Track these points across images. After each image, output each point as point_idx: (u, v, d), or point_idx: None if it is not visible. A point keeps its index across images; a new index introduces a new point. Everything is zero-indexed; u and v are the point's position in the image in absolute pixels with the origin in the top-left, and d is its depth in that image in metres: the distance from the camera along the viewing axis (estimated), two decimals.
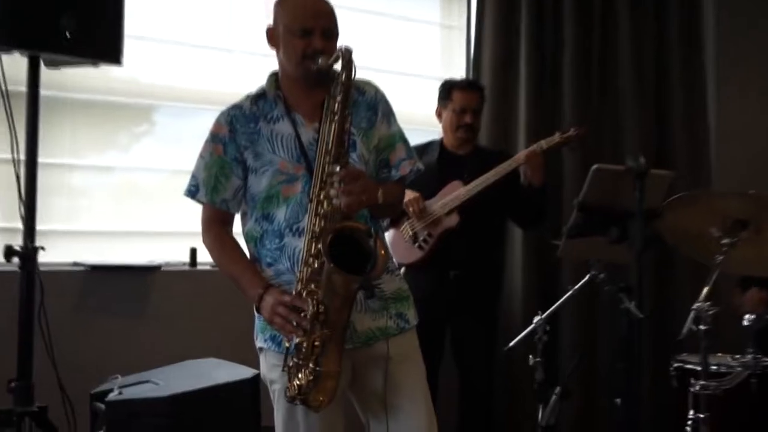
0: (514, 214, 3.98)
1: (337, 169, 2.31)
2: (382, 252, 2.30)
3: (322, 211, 2.35)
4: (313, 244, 2.33)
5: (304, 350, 2.30)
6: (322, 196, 2.35)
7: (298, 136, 2.48)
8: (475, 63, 4.73)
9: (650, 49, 4.91)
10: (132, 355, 3.65)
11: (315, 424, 2.45)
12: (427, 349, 2.66)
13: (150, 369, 3.25)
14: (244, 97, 2.57)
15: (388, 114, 2.64)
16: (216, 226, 2.57)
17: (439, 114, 3.97)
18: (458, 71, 4.76)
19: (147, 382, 3.12)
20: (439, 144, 3.97)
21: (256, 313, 2.51)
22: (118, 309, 3.82)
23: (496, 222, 3.93)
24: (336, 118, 2.36)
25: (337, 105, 2.37)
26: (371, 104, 2.60)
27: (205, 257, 3.94)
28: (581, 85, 4.78)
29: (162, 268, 3.95)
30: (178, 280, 3.98)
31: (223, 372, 3.20)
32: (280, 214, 2.47)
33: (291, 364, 2.33)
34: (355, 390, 2.57)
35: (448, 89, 3.93)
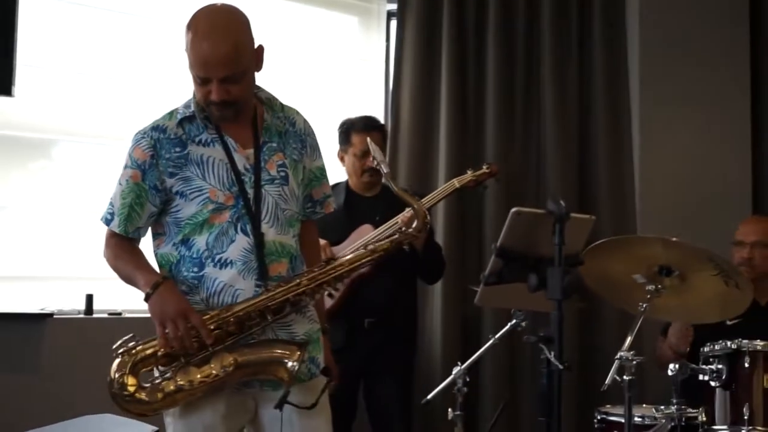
0: (415, 269, 3.98)
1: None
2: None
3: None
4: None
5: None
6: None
7: (231, 162, 2.50)
8: (393, 98, 4.77)
9: (574, 89, 5.02)
10: (19, 414, 3.55)
11: None
12: (340, 405, 2.66)
13: (38, 428, 3.17)
14: (166, 116, 2.56)
15: (315, 147, 2.71)
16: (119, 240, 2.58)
17: (341, 158, 3.96)
18: (377, 107, 4.81)
19: None
20: (345, 186, 3.96)
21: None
22: (4, 362, 3.72)
23: (409, 266, 3.91)
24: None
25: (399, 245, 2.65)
26: (300, 135, 2.66)
27: (101, 304, 3.94)
28: (503, 124, 4.85)
29: (54, 316, 3.86)
30: (72, 330, 3.90)
31: (121, 430, 3.11)
32: (201, 241, 2.48)
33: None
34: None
35: (346, 132, 3.91)
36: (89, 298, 3.95)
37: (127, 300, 3.90)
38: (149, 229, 2.60)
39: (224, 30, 2.45)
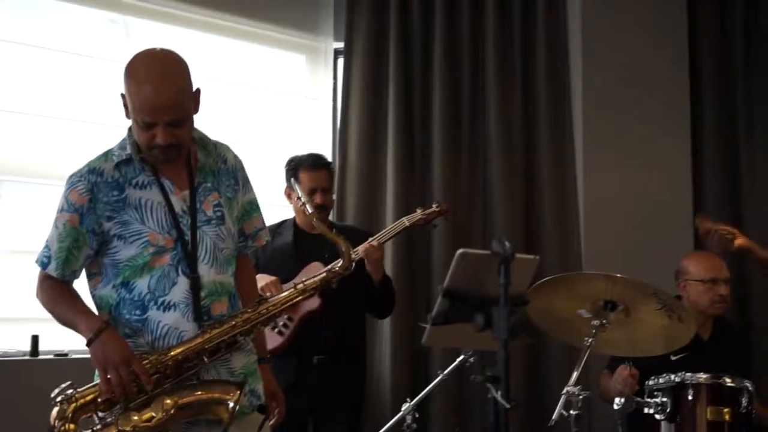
0: (365, 303, 3.98)
1: None
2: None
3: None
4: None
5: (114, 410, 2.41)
6: None
7: (169, 205, 2.51)
8: (341, 136, 4.80)
9: (519, 131, 5.04)
10: None
11: None
12: None
13: None
14: (101, 157, 2.55)
15: (246, 181, 2.73)
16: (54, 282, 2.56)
17: (288, 195, 3.93)
18: (325, 145, 4.83)
19: None
20: (293, 224, 3.95)
21: None
22: None
23: (359, 303, 3.92)
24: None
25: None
26: (232, 172, 2.68)
27: (47, 345, 3.88)
28: (450, 163, 4.89)
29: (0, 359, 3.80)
30: (17, 371, 3.83)
31: None
32: (142, 283, 2.48)
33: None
34: None
35: (294, 168, 3.90)
36: (35, 339, 3.88)
37: (74, 341, 3.88)
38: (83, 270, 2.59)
39: (168, 75, 2.47)
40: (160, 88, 2.42)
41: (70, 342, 3.88)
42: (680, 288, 4.08)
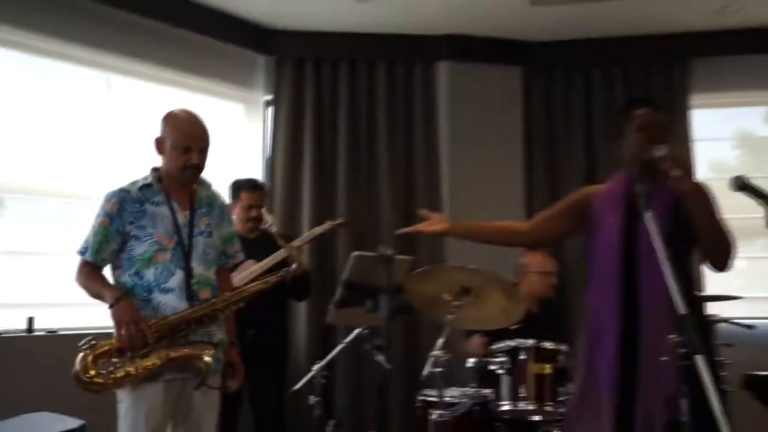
0: (288, 291, 3.94)
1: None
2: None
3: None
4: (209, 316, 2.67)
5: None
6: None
7: (174, 218, 2.71)
8: (270, 168, 4.83)
9: (401, 161, 5.07)
10: None
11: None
12: (228, 397, 2.76)
13: None
14: (129, 184, 2.75)
15: (229, 216, 2.93)
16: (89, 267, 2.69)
17: (231, 209, 3.86)
18: (258, 174, 4.79)
19: None
20: None
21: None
22: None
23: (284, 290, 3.77)
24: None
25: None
26: (220, 207, 2.86)
27: (41, 324, 3.81)
28: (351, 186, 4.90)
29: (1, 335, 3.70)
30: (15, 346, 3.74)
31: (55, 424, 3.06)
32: (150, 273, 2.65)
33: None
34: (178, 417, 2.68)
35: (237, 189, 3.91)
36: (30, 320, 3.80)
37: (62, 321, 3.84)
38: (109, 264, 2.74)
39: (199, 119, 2.78)
40: (197, 125, 2.74)
41: (59, 322, 3.84)
42: (521, 277, 4.12)
